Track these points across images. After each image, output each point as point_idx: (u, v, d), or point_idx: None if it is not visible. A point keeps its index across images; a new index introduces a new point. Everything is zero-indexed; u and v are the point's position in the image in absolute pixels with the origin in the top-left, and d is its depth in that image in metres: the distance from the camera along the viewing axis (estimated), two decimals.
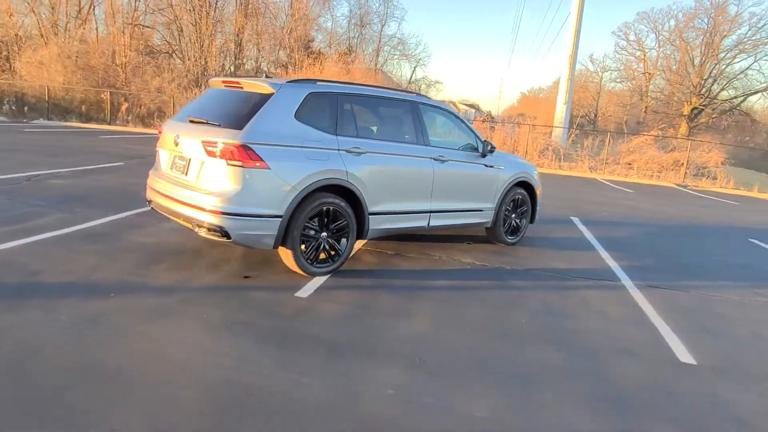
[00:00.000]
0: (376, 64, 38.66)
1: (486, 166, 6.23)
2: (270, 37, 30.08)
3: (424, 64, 48.63)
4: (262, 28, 29.90)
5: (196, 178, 4.57)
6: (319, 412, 2.83)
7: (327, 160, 4.76)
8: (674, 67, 43.81)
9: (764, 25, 37.47)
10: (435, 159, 5.66)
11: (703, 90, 40.83)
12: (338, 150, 4.85)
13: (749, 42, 38.27)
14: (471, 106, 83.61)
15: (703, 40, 40.97)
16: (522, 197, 6.76)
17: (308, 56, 28.85)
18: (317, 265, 4.86)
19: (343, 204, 4.88)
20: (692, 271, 6.48)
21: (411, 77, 44.21)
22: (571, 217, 9.13)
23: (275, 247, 4.62)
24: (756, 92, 39.46)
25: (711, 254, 7.60)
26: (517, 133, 23.50)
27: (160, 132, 5.21)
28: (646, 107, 47.49)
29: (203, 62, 26.88)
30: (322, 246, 4.87)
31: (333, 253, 4.96)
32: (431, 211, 5.72)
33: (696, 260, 7.09)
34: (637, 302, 5.05)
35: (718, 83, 40.70)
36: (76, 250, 5.07)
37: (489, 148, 6.18)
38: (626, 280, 5.71)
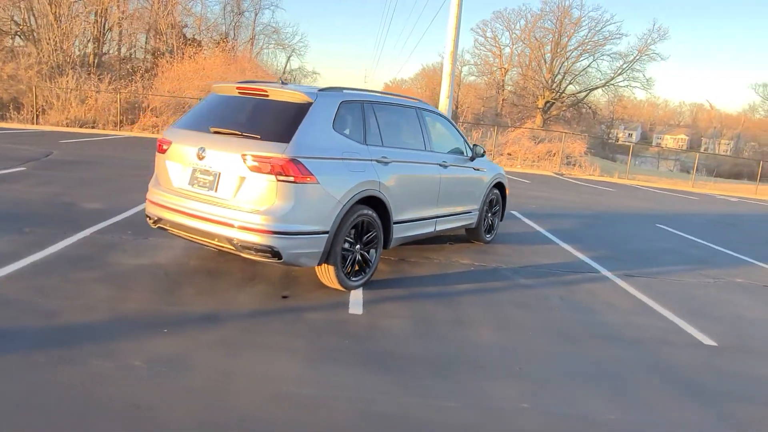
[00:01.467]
0: (251, 54, 37.31)
1: (474, 169, 6.47)
2: (139, 22, 27.62)
3: (300, 54, 47.79)
4: (129, 12, 27.34)
5: (234, 194, 4.21)
6: None
7: (364, 171, 4.65)
8: (528, 63, 47.84)
9: (601, 29, 42.40)
10: (440, 165, 5.77)
11: (554, 85, 45.16)
12: (371, 160, 4.76)
13: (590, 43, 43.04)
14: None
15: (552, 39, 45.24)
16: (496, 197, 7.12)
17: (186, 44, 26.99)
18: (352, 279, 4.75)
19: (374, 215, 4.81)
20: (641, 257, 7.33)
21: (285, 67, 43.35)
22: (512, 212, 9.76)
23: (319, 264, 4.44)
24: (596, 88, 44.55)
25: (640, 240, 8.63)
26: None
27: (165, 142, 4.68)
28: (503, 100, 51.40)
29: (61, 47, 23.92)
30: (356, 259, 4.76)
31: (363, 265, 4.88)
32: (438, 217, 5.83)
33: (635, 247, 8.01)
34: (629, 291, 5.63)
35: (566, 79, 45.26)
36: (73, 280, 4.41)
37: (481, 152, 6.42)
38: (605, 271, 6.31)
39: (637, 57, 42.16)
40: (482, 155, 6.46)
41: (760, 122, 70.83)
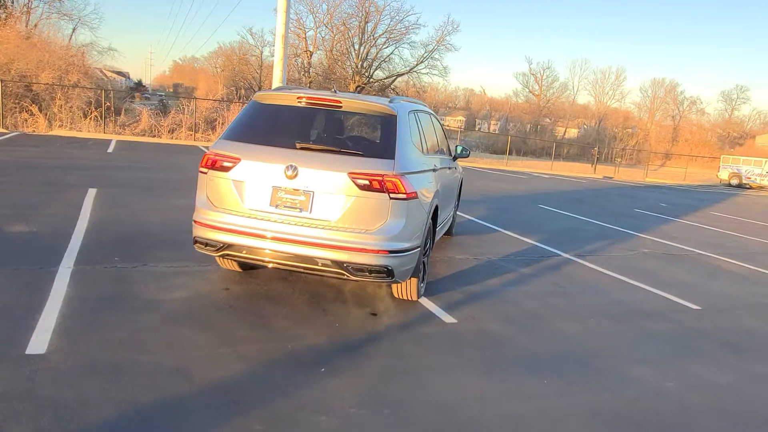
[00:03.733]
0: (27, 24, 31.55)
1: (454, 169, 6.85)
2: None
3: (93, 27, 41.70)
4: None
5: (339, 215, 3.98)
6: None
7: (432, 182, 4.74)
8: (331, 47, 48.87)
9: (402, 19, 45.30)
10: (451, 168, 6.04)
11: (363, 70, 47.07)
12: (432, 170, 4.86)
13: (394, 32, 45.72)
14: (120, 73, 75.64)
15: (358, 26, 46.89)
16: (458, 192, 7.61)
17: None
18: (420, 287, 4.84)
19: (431, 223, 4.94)
20: (567, 237, 8.52)
21: (71, 40, 37.59)
22: None
23: (410, 277, 4.44)
24: (401, 74, 47.61)
25: (547, 221, 9.96)
26: (232, 110, 22.90)
27: (227, 158, 4.15)
28: (310, 82, 51.89)
29: None
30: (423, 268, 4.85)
31: (422, 273, 4.98)
32: (445, 219, 6.10)
33: (551, 227, 9.25)
34: (596, 269, 6.64)
35: (373, 65, 47.47)
36: (143, 327, 3.74)
37: (467, 153, 6.77)
38: (563, 253, 7.28)
39: (436, 47, 46.07)
40: (467, 155, 6.86)
41: (520, 105, 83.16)
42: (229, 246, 4.13)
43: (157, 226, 6.45)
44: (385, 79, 48.01)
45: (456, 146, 6.83)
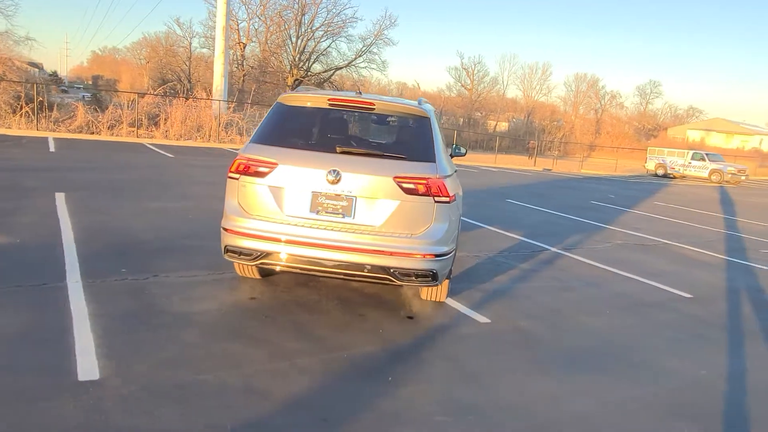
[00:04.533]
0: None
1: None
2: None
3: (9, 15, 38.37)
4: None
5: (384, 220, 3.92)
6: None
7: (458, 182, 4.76)
8: (273, 38, 47.81)
9: (339, 12, 44.97)
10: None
11: (301, 63, 46.37)
12: (455, 173, 4.88)
13: (332, 25, 45.30)
14: (33, 64, 70.67)
15: (294, 17, 46.08)
16: None
17: None
18: None
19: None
20: (547, 231, 8.81)
21: None
22: None
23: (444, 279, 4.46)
24: (340, 68, 47.30)
25: (523, 216, 10.23)
26: (175, 106, 21.91)
27: (263, 163, 3.98)
28: (244, 75, 50.53)
29: None
30: None
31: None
32: None
33: (529, 222, 9.53)
34: (587, 262, 6.92)
35: (311, 59, 46.86)
36: (188, 343, 3.55)
37: (463, 152, 6.81)
38: (550, 248, 7.52)
39: (374, 41, 46.06)
40: (464, 154, 6.90)
41: (453, 99, 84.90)
42: (268, 255, 3.98)
43: (147, 233, 6.11)
44: (323, 72, 47.53)
45: (453, 145, 6.88)
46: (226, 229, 4.08)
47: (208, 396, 2.95)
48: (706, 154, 29.76)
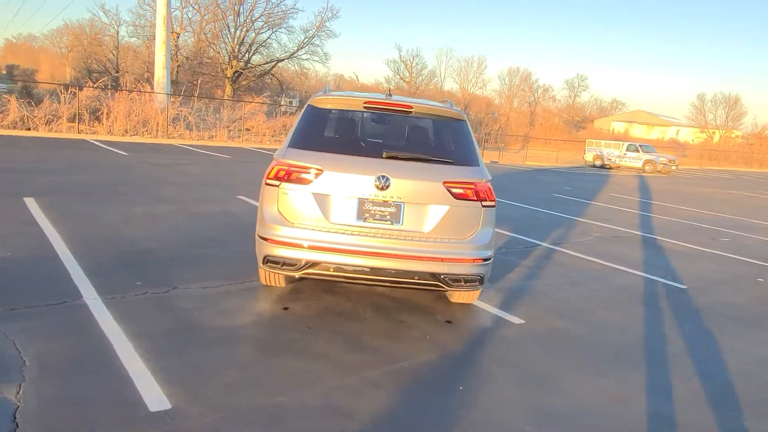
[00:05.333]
0: None
1: None
2: None
3: None
4: None
5: (433, 225, 3.88)
6: None
7: None
8: (208, 27, 46.15)
9: (280, 2, 44.01)
10: None
11: (241, 55, 45.09)
12: None
13: (272, 16, 44.28)
14: None
15: (231, 7, 44.68)
16: None
17: None
18: None
19: None
20: (531, 226, 9.01)
21: None
22: None
23: None
24: (281, 60, 46.37)
25: (503, 211, 10.37)
26: (117, 99, 20.85)
27: (306, 170, 3.83)
28: (177, 66, 48.63)
29: None
30: None
31: None
32: None
33: (511, 216, 9.69)
34: (583, 257, 7.14)
35: (250, 50, 45.64)
36: (245, 360, 3.38)
37: None
38: (541, 242, 7.71)
39: (315, 32, 45.41)
40: None
41: (392, 91, 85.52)
42: (314, 264, 3.84)
43: (146, 241, 5.76)
44: (264, 64, 46.44)
45: None
46: (266, 239, 3.91)
47: (296, 420, 2.82)
48: (640, 146, 31.38)
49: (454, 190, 3.87)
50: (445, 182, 3.86)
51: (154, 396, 2.88)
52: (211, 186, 9.88)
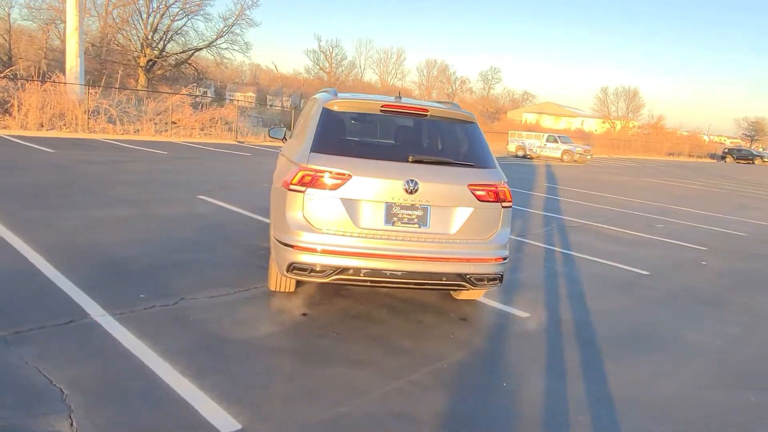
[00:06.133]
0: None
1: None
2: None
3: None
4: None
5: (458, 227, 3.97)
6: None
7: None
8: (116, 12, 43.38)
9: None
10: None
11: (154, 42, 42.78)
12: None
13: (188, 1, 42.30)
14: None
15: None
16: None
17: None
18: None
19: None
20: None
21: None
22: None
23: None
24: (199, 49, 44.48)
25: None
26: (29, 90, 18.99)
27: (334, 175, 3.78)
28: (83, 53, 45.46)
29: None
30: None
31: None
32: None
33: None
34: (550, 248, 7.53)
35: (166, 37, 43.43)
36: (289, 372, 3.33)
37: None
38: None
39: (235, 20, 43.94)
40: None
41: (312, 82, 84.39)
42: (344, 270, 3.81)
43: (124, 248, 5.44)
44: (180, 53, 44.37)
45: None
46: (292, 246, 3.82)
47: (369, 429, 2.83)
48: (558, 137, 33.13)
49: (478, 192, 3.98)
50: (469, 185, 3.96)
51: (219, 417, 2.78)
52: (163, 185, 9.40)
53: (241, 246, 5.99)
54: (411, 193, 3.84)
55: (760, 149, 71.08)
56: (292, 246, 3.83)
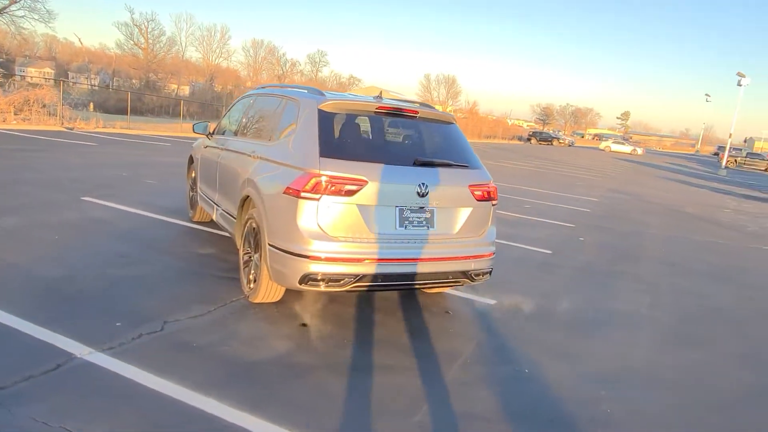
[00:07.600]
0: None
1: None
2: None
3: None
4: None
5: (459, 227, 4.13)
6: None
7: None
8: None
9: None
10: None
11: None
12: None
13: None
14: None
15: None
16: None
17: None
18: None
19: None
20: None
21: None
22: None
23: None
24: None
25: None
26: None
27: (351, 181, 3.65)
28: None
29: None
30: None
31: None
32: None
33: None
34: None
35: None
36: (337, 392, 3.23)
37: None
38: None
39: None
40: None
41: (125, 58, 76.14)
42: (362, 278, 3.74)
43: (41, 267, 4.65)
44: None
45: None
46: (307, 256, 3.64)
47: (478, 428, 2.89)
48: None
49: (476, 193, 4.17)
50: (469, 186, 4.13)
51: None
52: (28, 186, 7.96)
53: (175, 254, 5.44)
54: (423, 196, 3.89)
55: (557, 132, 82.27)
56: (307, 257, 3.65)
